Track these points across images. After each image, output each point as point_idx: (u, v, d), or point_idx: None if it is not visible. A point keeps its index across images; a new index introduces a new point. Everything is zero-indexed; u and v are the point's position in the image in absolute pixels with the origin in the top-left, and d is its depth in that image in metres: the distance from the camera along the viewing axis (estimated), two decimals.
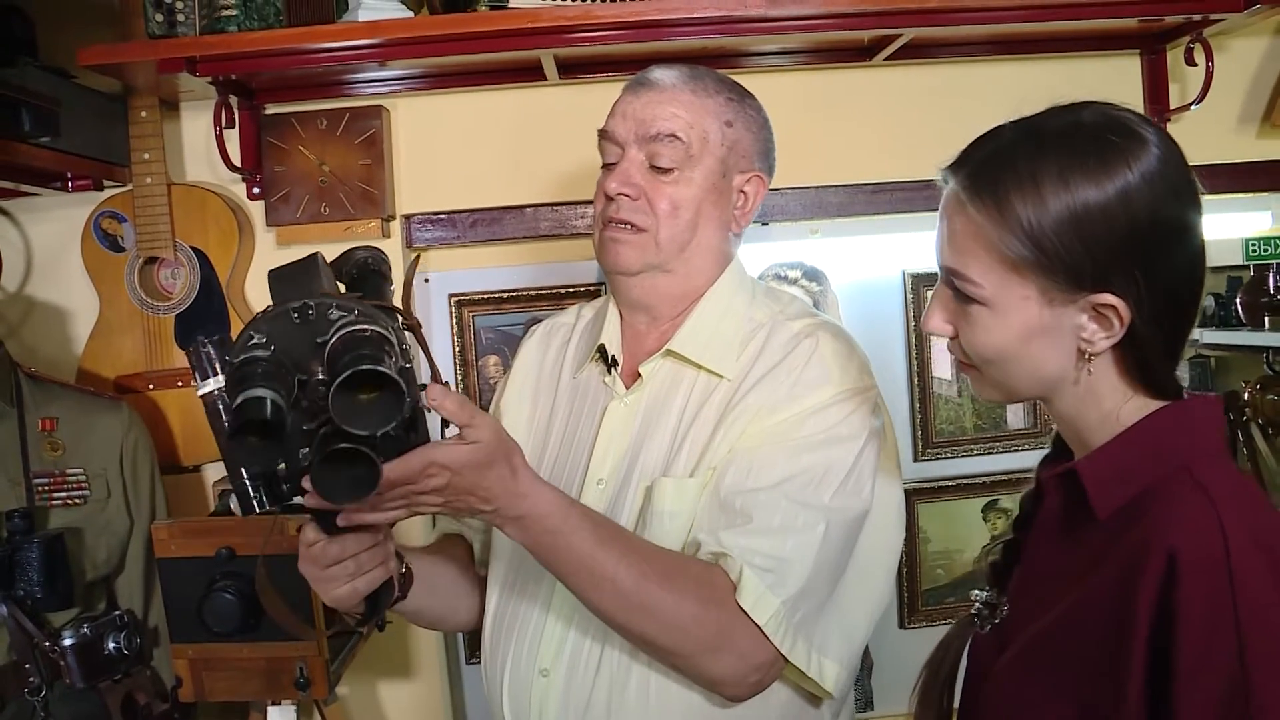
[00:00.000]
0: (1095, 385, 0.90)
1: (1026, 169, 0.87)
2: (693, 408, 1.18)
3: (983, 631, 1.00)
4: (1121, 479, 0.88)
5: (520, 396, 1.35)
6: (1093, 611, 0.85)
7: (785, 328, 1.20)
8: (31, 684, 1.58)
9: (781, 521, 1.08)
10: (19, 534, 1.57)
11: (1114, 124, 0.88)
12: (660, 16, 1.69)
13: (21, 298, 1.99)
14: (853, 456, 1.12)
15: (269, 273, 0.93)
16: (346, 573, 1.01)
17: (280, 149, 1.92)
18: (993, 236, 0.88)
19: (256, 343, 0.87)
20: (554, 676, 1.15)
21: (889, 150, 2.03)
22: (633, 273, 1.21)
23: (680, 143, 1.18)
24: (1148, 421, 0.89)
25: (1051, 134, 0.88)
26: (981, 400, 1.03)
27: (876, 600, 1.21)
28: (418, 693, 2.00)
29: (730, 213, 1.23)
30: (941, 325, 0.97)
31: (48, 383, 1.76)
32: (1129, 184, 0.84)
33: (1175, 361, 0.91)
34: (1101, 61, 2.03)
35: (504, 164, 2.00)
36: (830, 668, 1.11)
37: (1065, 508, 0.94)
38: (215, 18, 1.68)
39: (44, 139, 1.70)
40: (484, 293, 2.02)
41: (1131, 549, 0.83)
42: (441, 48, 1.74)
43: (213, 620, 1.53)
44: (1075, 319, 0.88)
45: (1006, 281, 0.88)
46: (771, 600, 1.05)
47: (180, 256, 1.89)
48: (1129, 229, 0.84)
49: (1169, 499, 0.84)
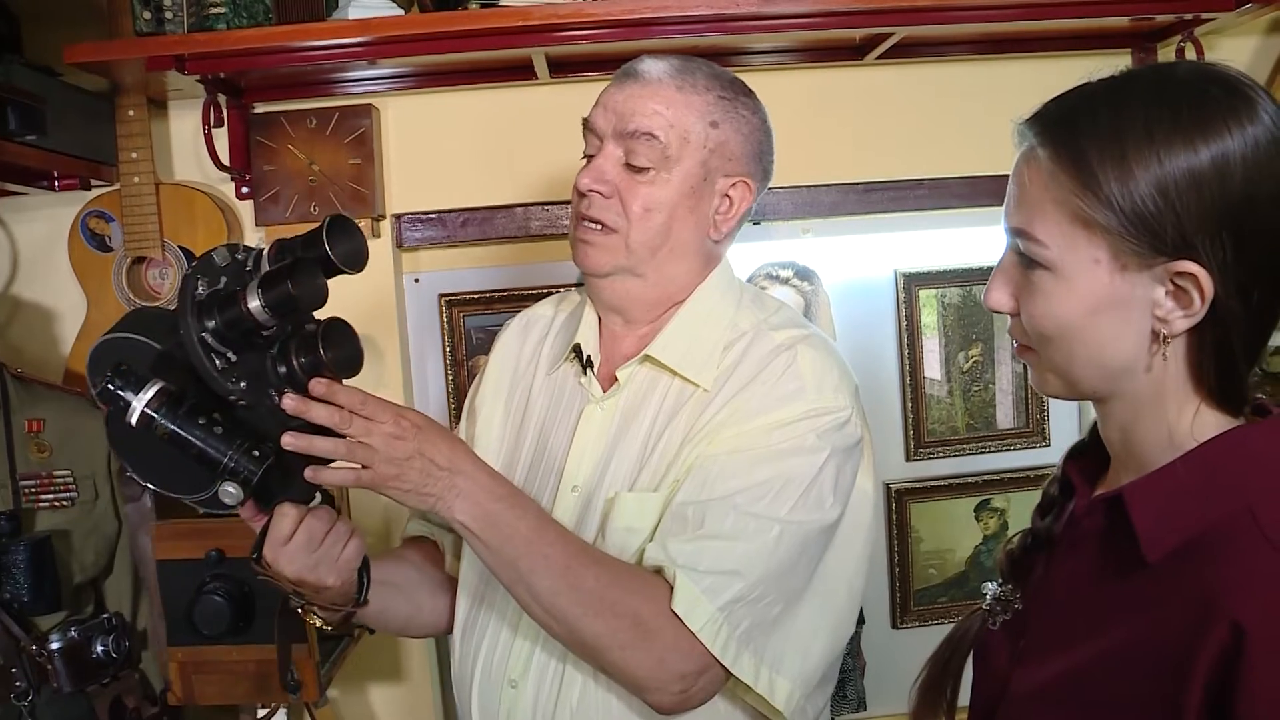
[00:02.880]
0: (1163, 382, 0.80)
1: (1108, 118, 0.78)
2: (664, 416, 1.16)
3: (994, 628, 0.95)
4: (1176, 517, 0.78)
5: (496, 393, 1.32)
6: (1139, 665, 0.78)
7: (767, 338, 1.16)
8: (18, 688, 1.56)
9: (732, 528, 1.05)
10: (5, 536, 1.56)
11: (1214, 77, 0.78)
12: (651, 14, 1.68)
13: (8, 298, 1.97)
14: (814, 470, 1.08)
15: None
16: (331, 555, 1.03)
17: (269, 148, 1.91)
18: (1063, 190, 0.79)
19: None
20: (523, 688, 1.14)
21: (881, 149, 2.03)
22: (602, 274, 1.18)
23: (657, 142, 1.13)
24: (1210, 446, 0.79)
25: (1141, 83, 0.80)
26: (1042, 394, 0.95)
27: (838, 621, 1.15)
28: (408, 696, 2.00)
29: (710, 218, 1.18)
30: (1002, 299, 0.86)
31: (34, 384, 1.75)
32: (1228, 146, 0.74)
33: (1253, 364, 0.80)
34: (1093, 60, 2.00)
35: (495, 163, 1.99)
36: (782, 685, 1.07)
37: (1107, 534, 0.85)
38: (204, 15, 1.66)
39: (30, 137, 1.68)
40: (474, 292, 2.01)
41: (1189, 607, 0.74)
42: (432, 46, 1.73)
43: (202, 623, 1.52)
44: (1150, 291, 0.78)
45: (1075, 241, 0.79)
46: (706, 606, 1.02)
47: (168, 256, 1.87)
48: (1221, 194, 0.75)
49: (1232, 552, 0.75)
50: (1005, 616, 0.94)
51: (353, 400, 0.98)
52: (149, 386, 0.94)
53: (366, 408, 0.99)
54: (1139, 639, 0.78)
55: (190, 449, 0.94)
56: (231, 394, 0.96)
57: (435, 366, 2.02)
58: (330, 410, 0.97)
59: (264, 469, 0.96)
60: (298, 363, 0.98)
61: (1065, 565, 0.90)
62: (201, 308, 0.95)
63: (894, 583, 2.10)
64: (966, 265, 2.07)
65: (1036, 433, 2.12)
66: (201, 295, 0.96)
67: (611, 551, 1.11)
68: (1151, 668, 0.76)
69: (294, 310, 0.95)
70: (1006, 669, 0.91)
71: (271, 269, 0.96)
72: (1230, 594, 0.72)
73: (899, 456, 2.09)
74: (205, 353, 0.94)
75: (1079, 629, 0.84)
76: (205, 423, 0.95)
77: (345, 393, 0.98)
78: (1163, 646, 0.75)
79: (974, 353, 2.10)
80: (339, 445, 0.97)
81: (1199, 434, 0.80)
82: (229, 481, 0.95)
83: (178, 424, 0.94)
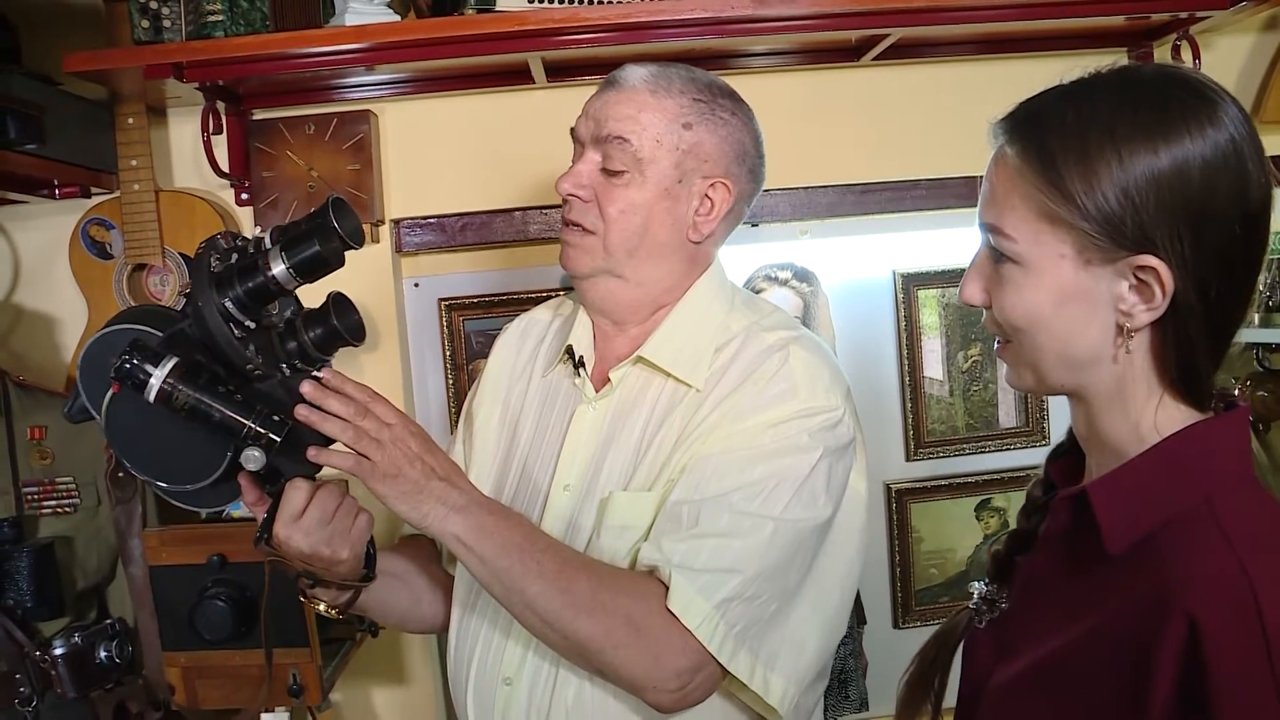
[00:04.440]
0: (1126, 375, 0.83)
1: (1073, 117, 0.81)
2: (658, 417, 1.17)
3: (980, 627, 0.96)
4: (1138, 511, 0.81)
5: (493, 397, 1.33)
6: (1103, 653, 0.80)
7: (759, 339, 1.17)
8: (22, 694, 1.57)
9: (726, 527, 1.06)
10: (8, 543, 1.57)
11: (1178, 80, 0.81)
12: (647, 18, 1.68)
13: (10, 306, 1.98)
14: (807, 468, 1.09)
15: None
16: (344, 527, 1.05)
17: (268, 154, 1.91)
18: (1030, 186, 0.82)
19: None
20: (517, 685, 1.14)
21: (878, 150, 2.03)
22: (583, 276, 1.21)
23: (628, 145, 1.15)
24: (1172, 441, 0.82)
25: (1106, 84, 0.83)
26: (1015, 389, 0.97)
27: (831, 619, 1.17)
28: (411, 699, 2.00)
29: (689, 219, 1.19)
30: (974, 293, 0.90)
31: (36, 391, 1.75)
32: (1187, 149, 0.77)
33: (1218, 359, 0.83)
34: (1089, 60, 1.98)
35: (493, 167, 2.00)
36: (776, 683, 1.08)
37: (1073, 529, 0.87)
38: (202, 23, 1.67)
39: (30, 146, 1.69)
40: (473, 297, 2.02)
41: (1149, 599, 0.77)
42: (429, 51, 1.73)
43: (205, 628, 1.53)
44: (1114, 285, 0.81)
45: (1041, 236, 0.82)
46: (702, 604, 1.03)
47: (169, 263, 1.88)
48: (1180, 193, 0.77)
49: (1189, 545, 0.77)
50: (992, 615, 0.96)
51: (363, 395, 1.02)
52: (166, 361, 0.96)
53: (375, 405, 1.02)
54: (1103, 629, 0.80)
55: (212, 417, 0.97)
56: (249, 364, 0.99)
57: (435, 370, 2.03)
58: (344, 401, 1.00)
59: (286, 433, 0.98)
60: (309, 336, 1.01)
61: (1038, 563, 0.92)
62: (220, 279, 0.98)
63: (895, 583, 2.10)
64: (965, 265, 2.06)
65: (1036, 432, 2.12)
66: (217, 269, 0.98)
67: (606, 551, 1.12)
68: (1114, 656, 0.78)
69: (321, 270, 0.99)
70: (989, 665, 0.93)
71: (291, 235, 0.99)
72: (1185, 588, 0.74)
73: (899, 456, 2.09)
74: (225, 321, 0.97)
75: (1049, 622, 0.87)
76: (224, 392, 0.98)
77: (356, 387, 1.02)
78: (1125, 636, 0.78)
79: (973, 352, 2.11)
80: (347, 428, 1.00)
81: (1163, 427, 0.83)
82: (252, 446, 0.98)
83: (200, 392, 0.96)
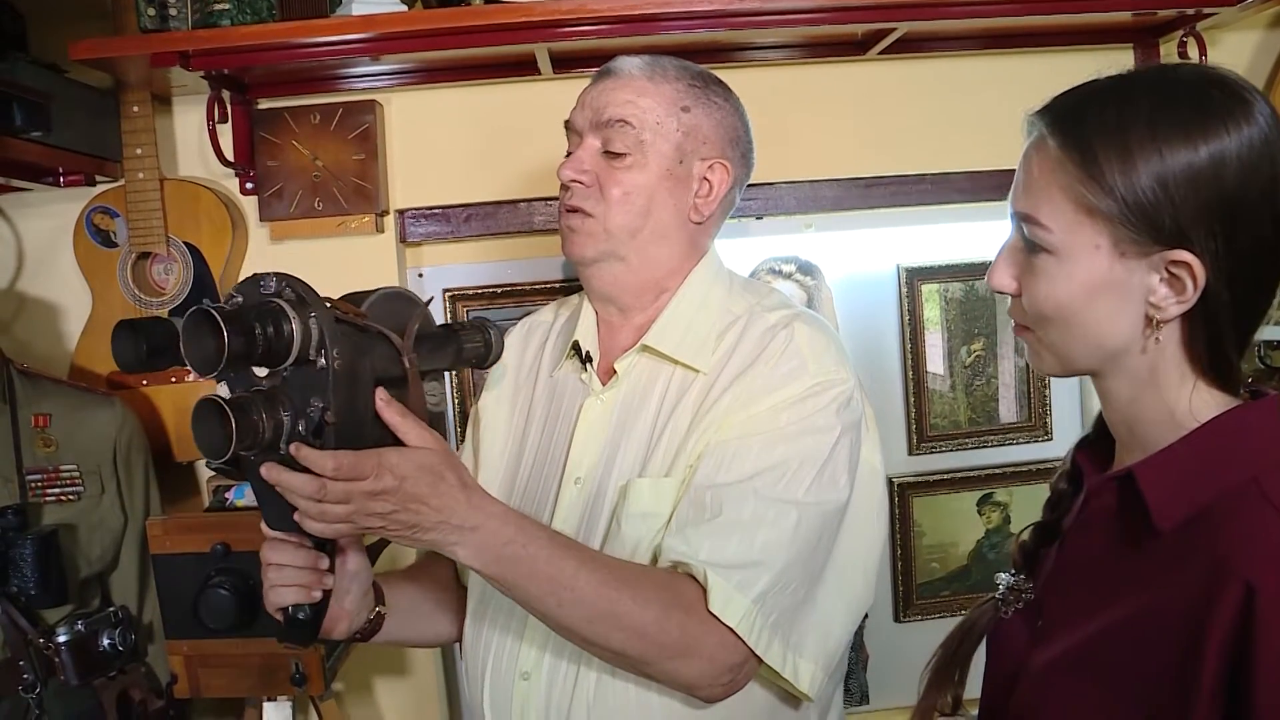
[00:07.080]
0: (1158, 363, 0.85)
1: (1114, 112, 0.82)
2: (669, 404, 1.17)
3: (1006, 616, 0.97)
4: (1185, 490, 0.82)
5: (499, 399, 1.34)
6: (1154, 630, 0.81)
7: (761, 319, 1.19)
8: (26, 681, 1.57)
9: (752, 515, 1.06)
10: (12, 530, 1.57)
11: (1215, 80, 0.82)
12: (654, 10, 1.69)
13: (13, 294, 1.98)
14: (827, 449, 1.10)
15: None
16: (282, 579, 1.02)
17: (273, 144, 1.91)
18: (1069, 178, 0.83)
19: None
20: (535, 679, 1.14)
21: (882, 144, 2.03)
22: (588, 261, 1.21)
23: (631, 128, 1.17)
24: (1214, 425, 0.83)
25: (1146, 81, 0.85)
26: (1038, 371, 0.98)
27: (854, 599, 1.17)
28: (413, 688, 2.00)
29: (690, 200, 1.21)
30: (1006, 280, 0.90)
31: (40, 379, 1.75)
32: (1225, 145, 0.79)
33: (1244, 348, 0.85)
34: (1095, 56, 2.03)
35: (498, 158, 2.00)
36: (805, 668, 1.09)
37: (1120, 511, 0.88)
38: (208, 12, 1.67)
39: (35, 134, 1.69)
40: (478, 287, 2.02)
41: (1202, 572, 0.78)
42: (435, 42, 1.73)
43: (208, 616, 1.53)
44: (1146, 278, 0.82)
45: (1077, 227, 0.83)
46: (741, 600, 1.03)
47: (173, 252, 1.88)
48: (1216, 190, 0.79)
49: (1242, 518, 0.79)
50: (1018, 605, 0.97)
51: (325, 466, 0.90)
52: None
53: (342, 470, 0.90)
54: (1153, 605, 0.82)
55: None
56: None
57: None
58: (305, 479, 0.90)
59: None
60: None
61: (1078, 546, 0.93)
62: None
63: (896, 576, 2.10)
64: (969, 260, 2.07)
65: (1039, 427, 2.12)
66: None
67: (629, 540, 1.11)
68: (1166, 632, 0.79)
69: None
70: (1025, 650, 0.93)
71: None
72: (1241, 555, 0.76)
73: (901, 451, 2.09)
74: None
75: (1094, 602, 0.87)
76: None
77: (322, 459, 0.90)
78: (1177, 611, 0.79)
79: (976, 347, 2.11)
80: (309, 484, 0.90)
81: (1199, 413, 0.85)
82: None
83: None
